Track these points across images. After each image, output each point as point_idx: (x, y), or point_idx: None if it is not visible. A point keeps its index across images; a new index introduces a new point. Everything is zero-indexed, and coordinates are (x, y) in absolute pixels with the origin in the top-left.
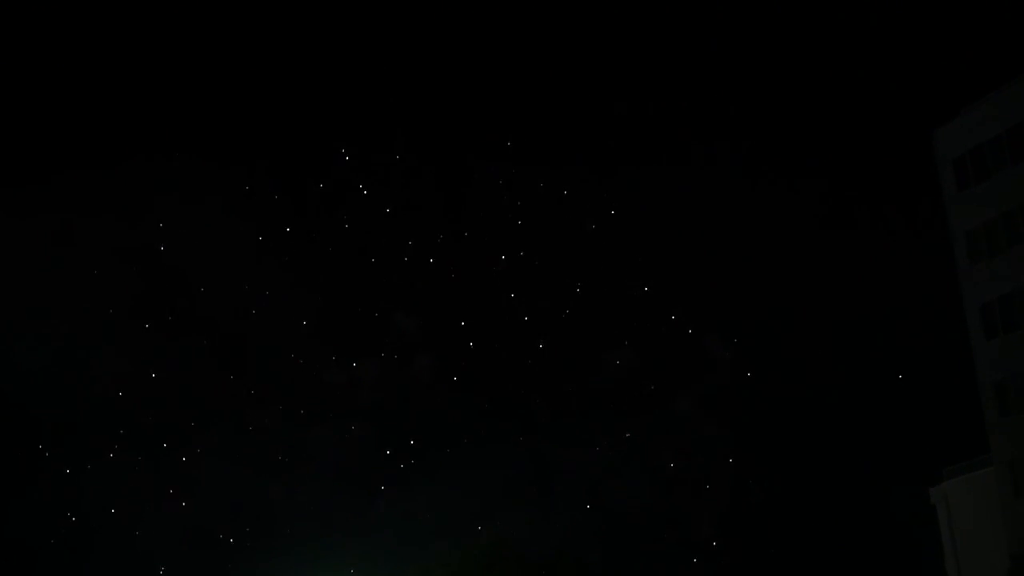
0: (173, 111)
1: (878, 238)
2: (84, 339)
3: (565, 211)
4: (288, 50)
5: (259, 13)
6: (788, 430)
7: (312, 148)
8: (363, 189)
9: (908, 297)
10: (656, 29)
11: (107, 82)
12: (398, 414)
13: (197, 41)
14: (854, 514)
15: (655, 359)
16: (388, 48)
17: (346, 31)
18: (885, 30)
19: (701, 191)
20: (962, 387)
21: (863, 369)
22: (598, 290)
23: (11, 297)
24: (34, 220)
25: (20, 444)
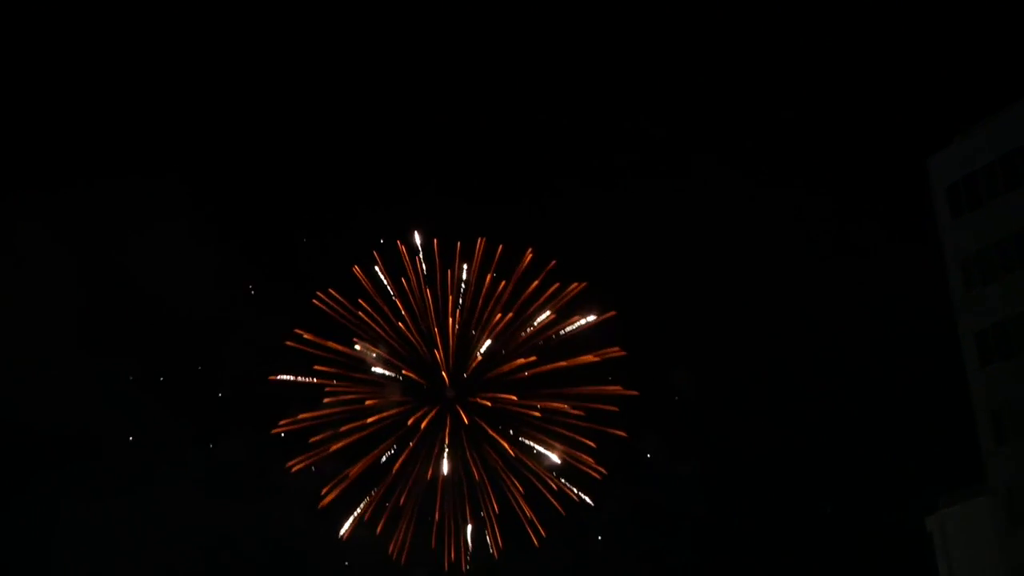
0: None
1: (872, 265)
2: (47, 366)
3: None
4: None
5: (231, 35)
6: (781, 459)
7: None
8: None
9: (903, 324)
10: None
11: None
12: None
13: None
14: (849, 543)
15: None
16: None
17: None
18: (878, 58)
19: (682, 218)
20: (957, 415)
21: (857, 396)
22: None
23: None
24: None
25: None
